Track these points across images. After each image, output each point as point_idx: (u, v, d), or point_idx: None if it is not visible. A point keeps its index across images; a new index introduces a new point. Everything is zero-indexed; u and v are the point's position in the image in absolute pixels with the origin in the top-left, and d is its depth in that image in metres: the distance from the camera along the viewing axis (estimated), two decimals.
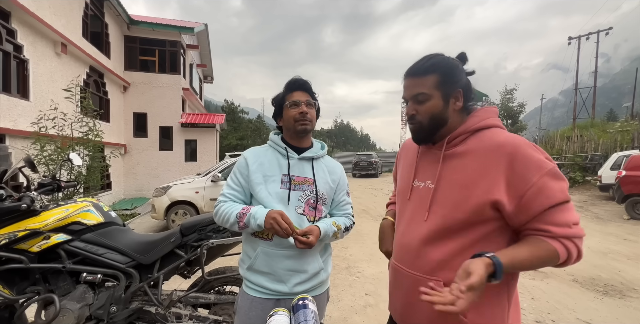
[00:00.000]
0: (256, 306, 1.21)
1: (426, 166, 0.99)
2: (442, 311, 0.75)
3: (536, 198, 0.80)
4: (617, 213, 7.96)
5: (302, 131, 1.27)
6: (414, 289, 0.91)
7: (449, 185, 0.91)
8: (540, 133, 31.69)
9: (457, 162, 0.92)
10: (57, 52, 7.59)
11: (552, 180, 0.81)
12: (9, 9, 6.06)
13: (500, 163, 0.84)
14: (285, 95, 1.29)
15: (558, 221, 0.81)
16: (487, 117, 0.94)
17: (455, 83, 0.92)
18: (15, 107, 6.22)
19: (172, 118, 12.20)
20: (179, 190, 6.34)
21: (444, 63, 0.92)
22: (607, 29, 23.39)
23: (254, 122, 30.93)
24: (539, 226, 0.82)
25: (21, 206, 1.73)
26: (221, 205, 1.25)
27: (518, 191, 0.82)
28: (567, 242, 0.81)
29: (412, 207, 1.00)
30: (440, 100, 0.91)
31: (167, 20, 13.15)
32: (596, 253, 4.80)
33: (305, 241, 1.11)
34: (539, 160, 0.82)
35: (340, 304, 3.08)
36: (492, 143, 0.88)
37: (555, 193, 0.80)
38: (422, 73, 0.92)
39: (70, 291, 1.85)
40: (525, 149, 0.83)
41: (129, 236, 2.06)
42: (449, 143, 0.94)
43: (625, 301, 3.22)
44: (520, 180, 0.82)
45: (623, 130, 14.63)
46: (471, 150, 0.90)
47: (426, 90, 0.91)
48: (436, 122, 0.93)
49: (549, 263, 0.83)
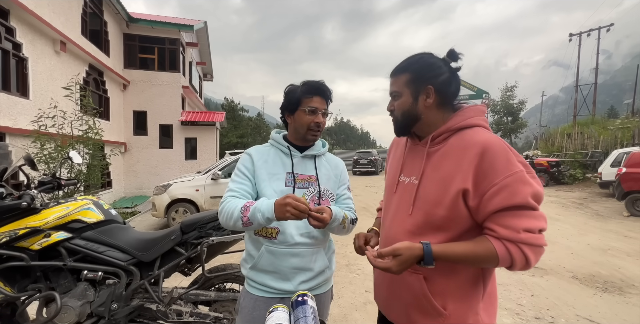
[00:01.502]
0: (260, 305, 1.19)
1: (412, 162, 1.04)
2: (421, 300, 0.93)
3: (493, 198, 0.82)
4: (617, 210, 7.97)
5: (311, 140, 1.28)
6: (397, 280, 1.00)
7: (430, 181, 0.95)
8: (540, 130, 31.66)
9: (438, 160, 0.95)
10: (57, 50, 7.57)
11: (515, 183, 0.81)
12: (7, 7, 6.04)
13: (473, 161, 0.86)
14: (304, 96, 1.22)
15: (507, 223, 0.82)
16: (471, 116, 0.96)
17: (425, 81, 0.95)
18: (15, 106, 6.22)
19: (172, 116, 12.19)
20: (179, 188, 6.35)
21: (417, 62, 0.98)
22: (608, 26, 23.26)
23: (254, 119, 30.88)
24: (488, 225, 0.86)
25: (21, 204, 1.74)
26: (228, 201, 1.17)
27: (481, 189, 0.84)
28: (511, 246, 0.81)
29: (398, 201, 1.05)
30: (410, 97, 0.98)
31: (167, 18, 13.11)
32: (596, 250, 4.81)
33: (320, 217, 1.04)
34: (508, 163, 0.83)
35: (340, 301, 3.10)
36: (469, 142, 0.89)
37: (514, 197, 0.81)
38: (396, 73, 1.01)
39: (71, 288, 1.85)
40: (497, 150, 0.85)
41: (129, 234, 2.07)
42: (433, 141, 0.98)
43: (624, 297, 3.23)
44: (485, 179, 0.84)
45: (624, 127, 14.60)
46: (451, 148, 0.93)
47: (397, 89, 0.99)
48: (407, 117, 1.00)
49: (487, 262, 0.85)
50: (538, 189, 0.83)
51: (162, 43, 12.15)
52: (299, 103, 1.23)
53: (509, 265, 0.84)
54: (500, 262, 0.83)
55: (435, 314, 0.93)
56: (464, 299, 0.92)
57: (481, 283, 0.94)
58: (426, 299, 0.93)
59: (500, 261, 0.83)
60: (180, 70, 12.39)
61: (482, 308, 0.94)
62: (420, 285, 0.94)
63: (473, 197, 0.85)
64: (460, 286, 0.92)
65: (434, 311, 0.93)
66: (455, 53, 0.95)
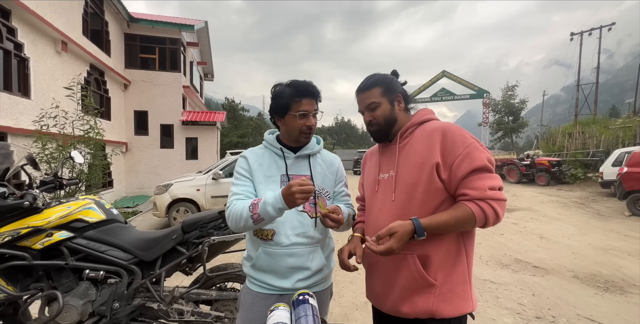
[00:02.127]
0: (259, 301, 1.22)
1: (387, 160, 1.20)
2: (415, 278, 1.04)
3: (460, 165, 1.00)
4: (618, 210, 7.96)
5: (305, 142, 1.29)
6: (392, 267, 1.10)
7: (406, 168, 1.10)
8: (542, 129, 31.60)
9: (409, 149, 1.12)
10: (58, 50, 7.59)
11: (473, 151, 1.01)
12: (9, 8, 6.06)
13: (437, 141, 1.05)
14: (293, 100, 1.19)
15: (474, 185, 0.99)
16: (427, 113, 1.19)
17: (395, 91, 1.16)
18: (16, 106, 6.24)
19: (173, 116, 12.21)
20: (180, 187, 6.37)
21: (382, 78, 1.18)
22: (609, 25, 23.19)
23: (254, 119, 30.90)
24: (461, 191, 1.01)
25: (24, 204, 1.74)
26: (234, 203, 1.18)
27: (448, 161, 1.02)
28: (483, 204, 0.97)
29: (381, 196, 1.17)
30: (388, 105, 1.16)
31: (167, 18, 13.12)
32: (597, 250, 4.80)
33: (335, 218, 1.12)
34: (464, 137, 1.03)
35: (341, 300, 3.10)
36: (431, 128, 1.10)
37: (475, 161, 0.99)
38: (368, 88, 1.17)
39: (73, 287, 1.86)
40: (453, 130, 1.05)
41: (130, 233, 2.08)
42: (402, 137, 1.17)
43: (625, 297, 3.23)
44: (449, 152, 1.02)
45: (625, 126, 14.55)
46: (418, 137, 1.12)
47: (375, 99, 1.16)
48: (389, 121, 1.17)
49: (468, 223, 0.99)
50: (490, 155, 1.03)
51: (163, 43, 12.17)
52: (288, 107, 1.21)
53: (483, 222, 0.98)
54: (477, 220, 0.98)
55: (428, 286, 1.03)
56: (452, 268, 1.05)
57: (464, 252, 1.07)
58: (420, 275, 1.03)
59: (477, 220, 0.97)
60: (181, 70, 12.40)
61: (468, 275, 1.07)
62: (415, 263, 1.04)
63: (444, 170, 1.03)
64: (446, 256, 1.05)
65: (426, 283, 1.03)
66: (397, 72, 1.22)
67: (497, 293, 3.29)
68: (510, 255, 4.52)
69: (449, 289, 1.04)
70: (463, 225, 1.00)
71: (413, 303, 1.05)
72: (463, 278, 1.06)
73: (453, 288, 1.04)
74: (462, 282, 1.06)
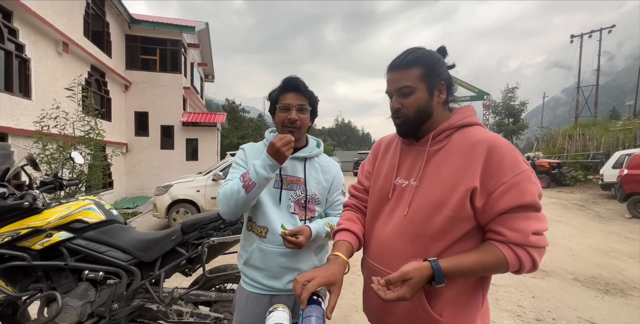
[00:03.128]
0: (252, 301, 1.23)
1: (409, 163, 0.96)
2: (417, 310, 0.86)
3: (503, 197, 0.79)
4: (618, 212, 7.95)
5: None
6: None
7: (433, 181, 0.89)
8: (542, 131, 31.60)
9: (441, 158, 0.90)
10: (59, 51, 7.61)
11: (524, 181, 0.79)
12: (10, 9, 6.08)
13: (479, 159, 0.83)
14: (280, 94, 1.24)
15: (516, 226, 0.78)
16: (470, 114, 0.94)
17: (438, 76, 0.91)
18: (17, 106, 6.25)
19: (174, 117, 12.22)
20: (180, 188, 6.36)
21: (426, 56, 0.91)
22: (609, 27, 23.23)
23: (255, 120, 30.91)
24: (496, 228, 0.81)
25: (24, 204, 1.74)
26: (224, 186, 1.19)
27: (489, 188, 0.81)
28: (519, 250, 0.79)
29: (392, 205, 0.97)
30: (425, 93, 0.91)
31: (168, 19, 13.16)
32: (597, 252, 4.79)
33: (293, 241, 1.09)
34: (515, 161, 0.81)
35: (340, 302, 3.09)
36: (474, 139, 0.87)
37: (524, 195, 0.78)
38: (406, 67, 0.90)
39: (72, 288, 1.86)
40: (505, 148, 0.83)
41: (130, 234, 2.07)
42: (434, 139, 0.93)
43: (626, 299, 3.22)
44: (492, 177, 0.81)
45: (625, 128, 14.56)
46: (455, 146, 0.89)
47: (411, 83, 0.90)
48: (422, 114, 0.92)
49: (497, 270, 0.81)
50: (540, 189, 0.83)
51: (163, 44, 12.19)
52: (276, 102, 1.25)
53: (516, 270, 0.81)
54: (509, 268, 0.80)
55: (431, 322, 0.87)
56: (463, 307, 0.88)
57: (480, 289, 0.90)
58: (423, 309, 0.87)
59: (510, 267, 0.80)
60: (182, 71, 12.42)
61: (480, 317, 0.90)
62: (419, 296, 0.86)
63: (480, 196, 0.82)
64: (459, 294, 0.87)
65: (429, 319, 0.87)
66: (446, 50, 0.95)
67: (497, 295, 3.28)
68: None
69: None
70: (491, 272, 0.83)
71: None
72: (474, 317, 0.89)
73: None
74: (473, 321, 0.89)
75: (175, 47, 12.29)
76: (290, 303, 1.23)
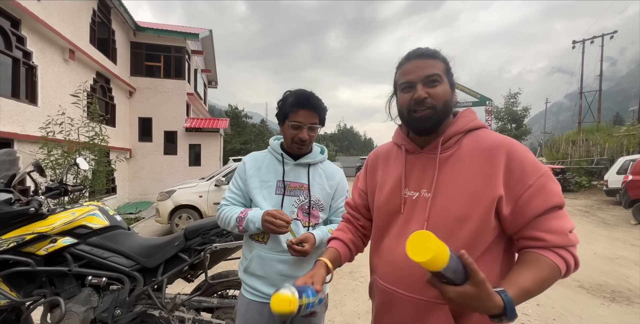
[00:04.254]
0: (252, 309, 1.23)
1: (418, 173, 0.89)
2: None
3: (532, 201, 0.75)
4: (624, 218, 7.86)
5: (297, 152, 1.30)
6: (414, 315, 0.82)
7: (451, 192, 0.81)
8: (545, 137, 31.46)
9: (455, 166, 0.83)
10: (65, 58, 7.73)
11: (548, 182, 0.77)
12: (19, 17, 6.21)
13: (500, 164, 0.78)
14: (291, 110, 1.20)
15: (554, 228, 0.74)
16: (475, 117, 0.89)
17: (452, 76, 0.88)
18: (23, 112, 6.33)
19: (177, 123, 12.32)
20: (183, 194, 6.38)
21: (441, 54, 0.88)
22: (611, 33, 23.28)
23: (257, 126, 31.08)
24: (534, 234, 0.76)
25: (29, 210, 1.76)
26: (222, 209, 1.29)
27: (515, 193, 0.77)
28: (564, 252, 0.74)
29: (404, 219, 0.88)
30: (449, 87, 0.85)
31: (173, 27, 13.35)
32: (603, 259, 4.73)
33: (299, 249, 1.11)
34: (535, 162, 0.79)
35: (343, 309, 3.07)
36: (489, 143, 0.82)
37: (553, 196, 0.76)
38: (432, 56, 0.84)
39: (75, 294, 1.87)
40: (521, 151, 0.80)
41: (133, 239, 2.09)
42: (443, 145, 0.86)
43: (632, 307, 3.17)
44: (518, 182, 0.77)
45: (629, 134, 14.50)
46: (468, 151, 0.83)
47: (439, 72, 0.83)
48: (447, 109, 0.85)
49: (553, 280, 0.74)
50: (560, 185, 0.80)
51: (168, 51, 12.36)
52: (286, 116, 1.23)
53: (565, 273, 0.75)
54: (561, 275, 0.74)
55: None
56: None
57: None
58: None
59: (562, 274, 0.74)
60: (186, 78, 12.56)
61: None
62: (447, 317, 0.77)
63: (507, 203, 0.76)
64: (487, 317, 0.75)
65: None
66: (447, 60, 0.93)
67: None
68: None
69: None
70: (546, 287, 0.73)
71: None
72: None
73: None
74: None
75: (179, 54, 12.44)
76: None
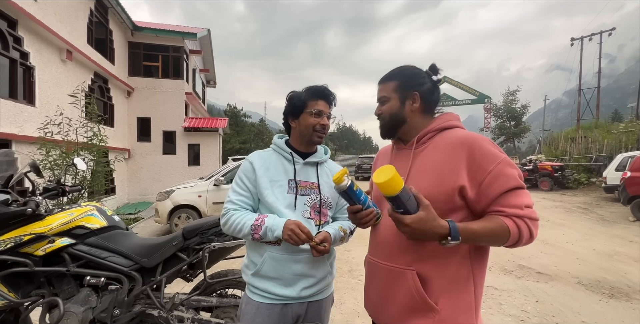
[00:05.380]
0: (262, 312, 1.19)
1: (399, 165, 1.07)
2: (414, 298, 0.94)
3: (493, 184, 0.91)
4: (622, 215, 7.88)
5: (317, 142, 1.30)
6: (389, 281, 1.01)
7: (420, 178, 1.00)
8: (544, 134, 31.49)
9: (425, 157, 1.02)
10: (63, 59, 7.71)
11: (505, 168, 0.91)
12: (16, 17, 6.18)
13: (462, 155, 0.94)
14: (309, 100, 1.25)
15: (511, 202, 0.90)
16: (450, 119, 1.07)
17: (412, 88, 1.05)
18: (21, 113, 6.32)
19: (176, 123, 12.30)
20: (182, 194, 6.38)
21: (404, 71, 1.09)
22: (609, 30, 23.28)
23: (256, 125, 31.06)
24: (495, 208, 0.92)
25: (26, 211, 1.76)
26: (231, 213, 1.22)
27: (477, 179, 0.92)
28: (519, 221, 0.89)
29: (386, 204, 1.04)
30: (397, 102, 1.07)
31: (170, 26, 13.32)
32: (602, 255, 4.75)
33: (322, 250, 1.12)
34: (494, 152, 0.93)
35: (342, 307, 3.08)
36: (454, 139, 0.99)
37: (510, 180, 0.90)
38: (385, 81, 1.10)
39: (74, 294, 1.86)
40: (480, 143, 0.94)
41: (132, 239, 2.08)
42: (418, 142, 1.06)
43: (631, 303, 3.18)
44: (479, 169, 0.92)
45: (628, 130, 14.51)
46: (437, 145, 1.02)
47: (386, 94, 1.08)
48: (394, 119, 1.08)
49: (501, 238, 0.89)
50: (519, 171, 0.95)
51: (166, 51, 12.34)
52: (304, 106, 1.25)
53: (516, 240, 0.90)
54: (510, 237, 0.89)
55: (427, 310, 0.94)
56: (456, 296, 0.95)
57: (472, 280, 0.97)
58: (419, 296, 0.94)
59: (511, 236, 0.88)
60: (184, 77, 12.54)
61: (474, 306, 0.97)
62: (414, 282, 0.95)
63: (471, 188, 0.92)
64: (452, 283, 0.95)
65: (425, 306, 0.94)
66: (436, 67, 1.09)
67: (501, 299, 3.25)
68: (513, 260, 4.47)
69: (452, 318, 0.93)
70: (495, 240, 0.90)
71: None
72: (469, 306, 0.95)
73: (456, 317, 0.93)
74: (467, 311, 0.95)
75: (177, 54, 12.42)
76: (302, 311, 1.23)
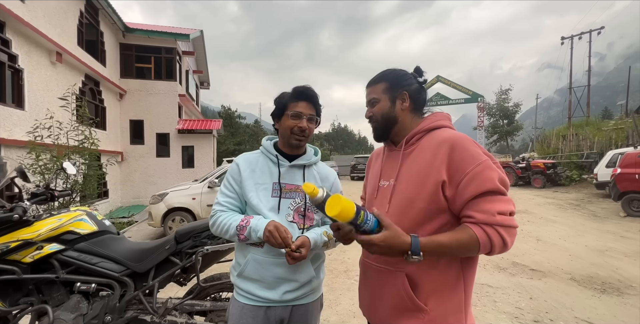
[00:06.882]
0: (246, 313, 1.20)
1: (389, 166, 1.10)
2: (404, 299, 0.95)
3: (468, 186, 0.89)
4: (613, 211, 8.00)
5: (295, 145, 1.27)
6: (380, 281, 1.03)
7: (407, 179, 1.01)
8: (536, 132, 31.84)
9: (413, 158, 1.03)
10: (52, 61, 7.60)
11: (484, 170, 0.89)
12: (3, 19, 6.09)
13: (444, 155, 0.94)
14: (290, 102, 1.24)
15: (482, 208, 0.88)
16: (439, 119, 1.07)
17: (400, 88, 1.07)
18: (10, 117, 6.22)
19: (169, 125, 12.20)
20: (176, 196, 6.33)
21: (391, 73, 1.11)
22: (599, 29, 23.63)
23: (251, 127, 30.95)
24: (467, 213, 0.90)
25: (13, 217, 1.73)
26: (218, 215, 1.23)
27: (455, 179, 0.91)
28: (489, 229, 0.87)
29: (377, 204, 1.09)
30: (388, 102, 1.08)
31: (163, 28, 13.21)
32: (593, 251, 4.81)
33: (297, 256, 1.11)
34: (475, 153, 0.92)
35: (338, 308, 3.08)
36: (439, 139, 0.99)
37: (486, 182, 0.88)
38: (373, 83, 1.12)
39: (64, 301, 1.83)
40: (464, 143, 0.94)
41: (123, 244, 2.06)
42: (407, 143, 1.07)
43: (623, 298, 3.23)
44: (457, 169, 0.91)
45: (618, 128, 14.74)
46: (424, 146, 1.02)
47: (376, 95, 1.10)
48: (387, 120, 1.09)
49: (470, 247, 0.88)
50: (503, 175, 0.92)
51: (158, 52, 12.22)
52: (285, 108, 1.25)
53: (488, 249, 0.88)
54: (481, 247, 0.87)
55: (416, 310, 0.95)
56: (446, 296, 0.95)
57: (462, 280, 0.97)
58: (408, 296, 0.95)
59: (482, 246, 0.87)
60: (177, 79, 12.44)
61: (464, 306, 0.98)
62: (402, 282, 0.96)
63: (449, 187, 0.92)
64: (441, 284, 0.95)
65: (415, 307, 0.95)
66: (421, 69, 1.12)
67: (495, 297, 3.28)
68: (507, 258, 4.51)
69: (441, 318, 0.94)
70: (465, 250, 0.89)
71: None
72: (458, 307, 0.96)
73: (445, 317, 0.95)
74: (457, 311, 0.96)
75: (170, 55, 12.32)
76: (286, 315, 1.22)
